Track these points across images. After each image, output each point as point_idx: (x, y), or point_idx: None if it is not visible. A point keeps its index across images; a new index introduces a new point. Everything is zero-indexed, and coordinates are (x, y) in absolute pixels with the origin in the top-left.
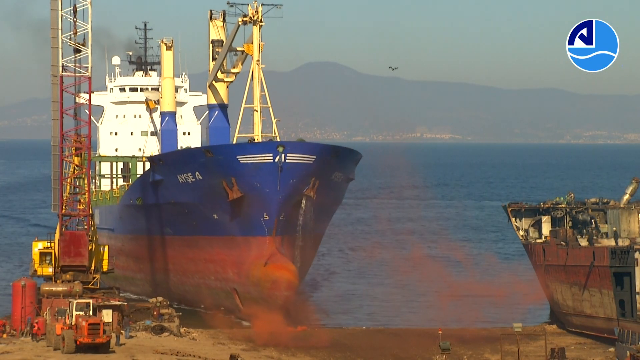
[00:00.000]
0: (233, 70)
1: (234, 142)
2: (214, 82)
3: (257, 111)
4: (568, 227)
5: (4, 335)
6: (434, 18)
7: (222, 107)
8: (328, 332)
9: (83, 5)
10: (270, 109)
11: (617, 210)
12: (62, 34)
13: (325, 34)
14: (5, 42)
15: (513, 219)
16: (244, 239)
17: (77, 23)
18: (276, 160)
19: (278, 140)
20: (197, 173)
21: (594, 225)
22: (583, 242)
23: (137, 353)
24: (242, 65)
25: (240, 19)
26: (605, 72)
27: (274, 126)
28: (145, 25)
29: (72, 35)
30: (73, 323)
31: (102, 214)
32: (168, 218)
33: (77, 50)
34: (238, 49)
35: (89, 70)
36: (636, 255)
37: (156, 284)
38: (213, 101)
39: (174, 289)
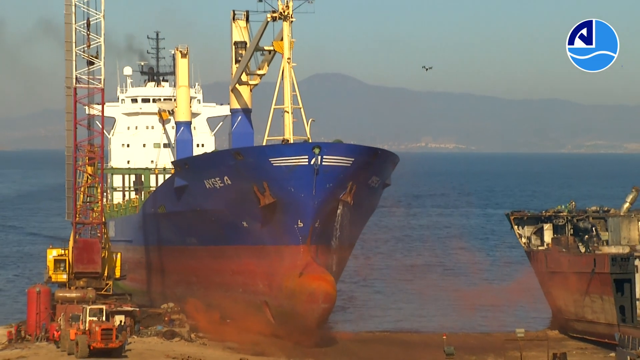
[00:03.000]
0: (258, 72)
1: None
2: (237, 85)
3: (288, 112)
4: (569, 235)
5: (20, 341)
6: (438, 30)
7: (246, 112)
8: (318, 335)
9: (96, 19)
10: (302, 109)
11: (617, 218)
12: (75, 47)
13: (332, 46)
14: (23, 52)
15: (516, 227)
16: (275, 248)
17: (90, 36)
18: (312, 162)
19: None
20: (225, 177)
21: (594, 233)
22: (584, 249)
23: (149, 358)
24: (268, 66)
25: (269, 15)
26: (606, 82)
27: (307, 127)
28: (157, 35)
29: (86, 48)
30: (87, 328)
31: (117, 225)
32: (193, 227)
33: (90, 63)
34: (266, 48)
35: (102, 82)
36: (636, 262)
37: (177, 297)
38: (236, 106)
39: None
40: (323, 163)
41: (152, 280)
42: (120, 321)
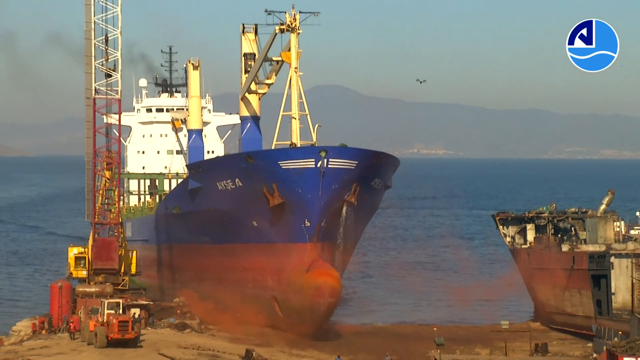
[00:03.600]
0: (267, 81)
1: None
2: (246, 94)
3: (295, 118)
4: (550, 234)
5: (43, 332)
6: (430, 45)
7: (255, 119)
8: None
9: (113, 35)
10: (308, 115)
11: (594, 218)
12: (94, 61)
13: (332, 60)
14: (44, 65)
15: (501, 227)
16: (284, 246)
17: (108, 51)
18: (318, 165)
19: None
20: (237, 180)
21: (573, 233)
22: (564, 248)
23: (162, 347)
24: (275, 76)
25: (277, 27)
26: (584, 94)
27: (312, 132)
28: (170, 49)
29: (104, 62)
30: (105, 320)
31: (134, 226)
32: (206, 226)
33: (108, 75)
34: (274, 58)
35: (119, 93)
36: (612, 259)
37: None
38: (245, 113)
39: (209, 298)
40: (329, 166)
41: (166, 277)
42: (135, 314)
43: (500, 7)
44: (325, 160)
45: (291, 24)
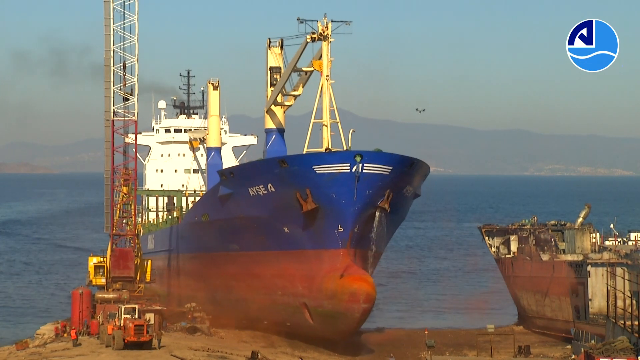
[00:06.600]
0: (293, 93)
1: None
2: (272, 106)
3: (326, 126)
4: (532, 245)
5: (65, 335)
6: (421, 72)
7: (280, 131)
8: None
9: (131, 62)
10: (339, 123)
11: (572, 230)
12: (113, 86)
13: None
14: (67, 90)
15: (486, 238)
16: (315, 252)
17: (126, 76)
18: (353, 170)
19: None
20: (269, 185)
21: (553, 243)
22: (545, 257)
23: (174, 350)
24: (302, 87)
25: (308, 36)
26: (561, 115)
27: (342, 138)
28: (188, 72)
29: (122, 87)
30: (122, 324)
31: (157, 238)
32: (235, 233)
33: (126, 99)
34: (303, 68)
35: (136, 115)
36: (588, 268)
37: (217, 302)
38: (271, 125)
39: (236, 306)
40: (364, 170)
41: (193, 286)
42: (150, 319)
43: (489, 40)
44: (361, 165)
45: (323, 33)
